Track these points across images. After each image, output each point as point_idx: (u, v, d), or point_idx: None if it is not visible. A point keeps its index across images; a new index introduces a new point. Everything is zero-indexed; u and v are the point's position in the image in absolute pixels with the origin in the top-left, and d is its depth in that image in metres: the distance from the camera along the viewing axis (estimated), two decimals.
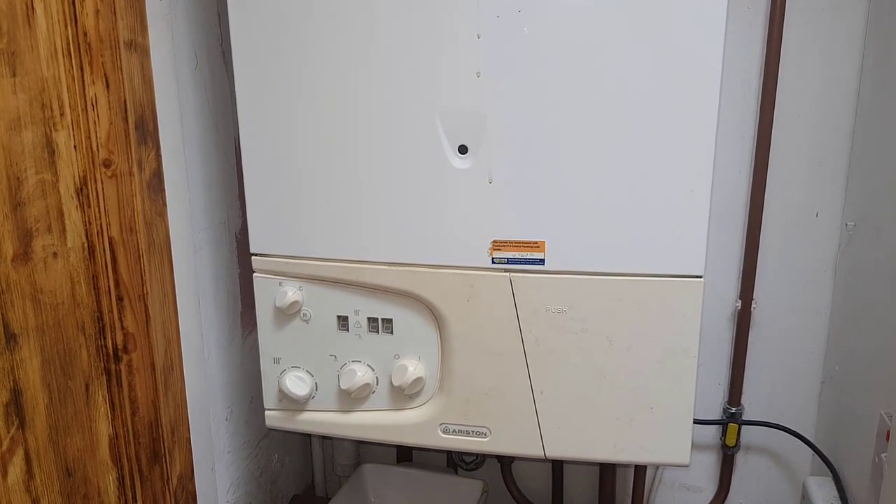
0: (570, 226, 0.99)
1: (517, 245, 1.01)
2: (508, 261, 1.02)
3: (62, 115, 0.78)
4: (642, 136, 0.95)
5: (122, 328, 0.88)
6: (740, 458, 1.48)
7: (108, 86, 0.82)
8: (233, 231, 1.26)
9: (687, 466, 1.27)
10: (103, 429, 0.88)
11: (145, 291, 0.90)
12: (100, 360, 0.87)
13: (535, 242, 1.01)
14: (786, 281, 1.37)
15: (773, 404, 1.44)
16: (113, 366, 0.89)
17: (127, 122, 0.85)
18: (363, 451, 1.63)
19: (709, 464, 1.50)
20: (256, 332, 1.32)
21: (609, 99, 0.94)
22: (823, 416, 1.42)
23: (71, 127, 0.79)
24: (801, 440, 1.37)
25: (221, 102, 1.19)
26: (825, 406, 1.41)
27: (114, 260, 0.86)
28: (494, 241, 1.01)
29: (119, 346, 0.89)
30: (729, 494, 1.48)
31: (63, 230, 0.79)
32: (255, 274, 1.10)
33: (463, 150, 0.99)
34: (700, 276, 0.99)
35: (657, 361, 1.02)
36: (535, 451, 1.08)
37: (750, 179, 1.31)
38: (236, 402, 1.30)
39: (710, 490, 1.51)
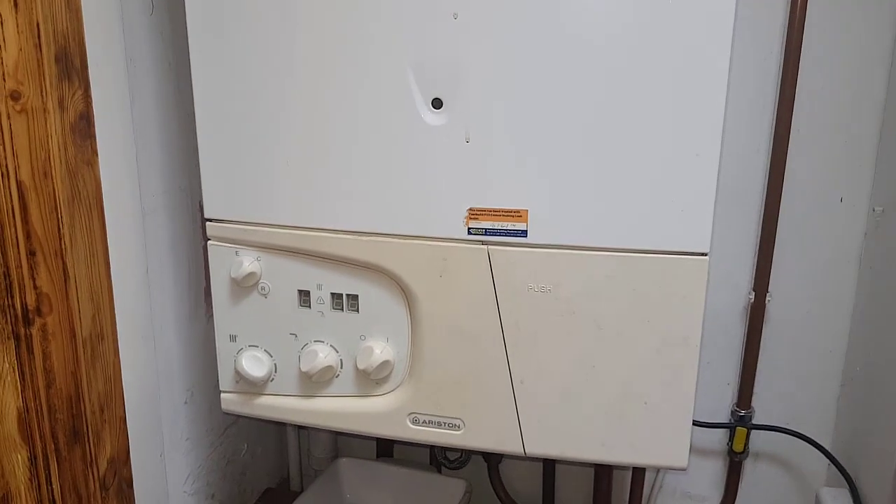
0: (556, 192, 0.88)
1: (496, 214, 0.90)
2: (486, 231, 0.90)
3: None
4: (641, 88, 0.83)
5: (35, 287, 0.78)
6: (748, 466, 1.36)
7: (15, 5, 0.72)
8: (196, 199, 1.15)
9: (684, 470, 1.16)
10: (10, 401, 0.77)
11: (63, 247, 0.79)
12: (6, 322, 0.76)
13: (517, 211, 0.89)
14: (805, 271, 1.25)
15: (786, 408, 1.32)
16: (23, 329, 0.78)
17: (41, 50, 0.74)
18: (341, 444, 1.53)
19: (714, 471, 1.37)
20: None
21: (605, 44, 0.83)
22: (842, 421, 1.29)
23: None
24: (816, 447, 1.24)
25: (183, 58, 1.08)
26: (844, 411, 1.28)
27: (24, 208, 0.76)
28: (471, 209, 0.90)
29: (30, 308, 0.78)
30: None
31: None
32: (209, 241, 0.99)
33: (437, 104, 0.88)
34: (705, 254, 0.87)
35: (653, 350, 0.91)
36: (513, 446, 0.97)
37: (768, 158, 1.19)
38: (198, 386, 1.20)
39: (715, 499, 1.39)
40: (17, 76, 0.73)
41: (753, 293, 1.24)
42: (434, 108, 0.88)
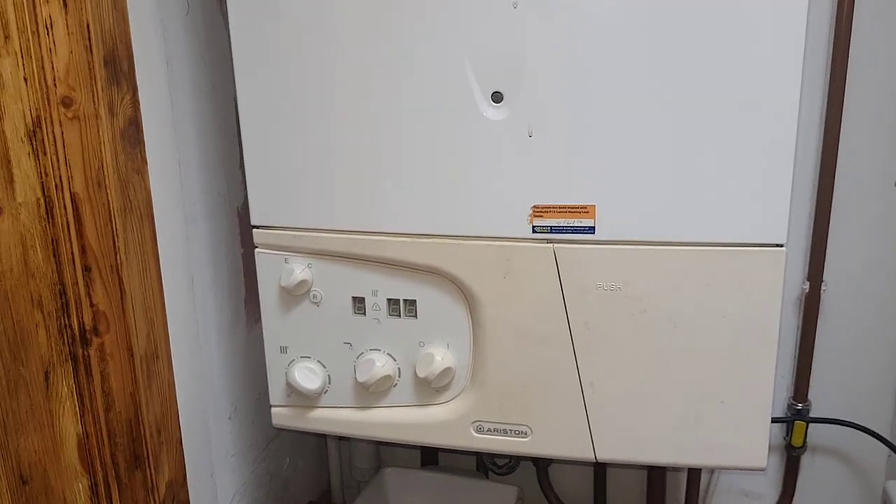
0: (625, 186, 0.84)
1: (562, 210, 0.86)
2: (552, 229, 0.86)
3: (7, 37, 0.64)
4: (713, 73, 0.79)
5: (92, 305, 0.74)
6: (806, 461, 1.32)
7: (65, 5, 0.67)
8: (234, 205, 1.11)
9: (763, 470, 1.12)
10: (70, 427, 0.73)
11: (119, 261, 0.75)
12: (63, 343, 0.72)
13: (584, 207, 0.85)
14: (860, 259, 1.21)
15: (842, 400, 1.28)
16: (80, 350, 0.74)
17: (91, 53, 0.70)
18: (384, 453, 1.49)
19: (771, 467, 1.33)
20: None
21: (675, 30, 0.79)
22: None
23: (19, 54, 0.65)
24: (880, 440, 1.21)
25: (219, 57, 1.04)
26: None
27: (78, 221, 0.71)
28: (535, 207, 0.86)
29: (87, 327, 0.74)
30: (793, 501, 1.32)
31: (10, 181, 0.65)
32: (257, 250, 0.95)
33: (497, 97, 0.84)
34: (781, 245, 0.83)
35: (729, 347, 0.87)
36: (583, 453, 0.93)
37: (820, 140, 1.15)
38: (241, 400, 1.16)
39: (772, 496, 1.35)
40: (67, 81, 0.69)
41: (808, 283, 1.21)
42: (494, 102, 0.84)
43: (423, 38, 0.84)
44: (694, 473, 1.30)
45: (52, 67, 0.68)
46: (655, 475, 1.33)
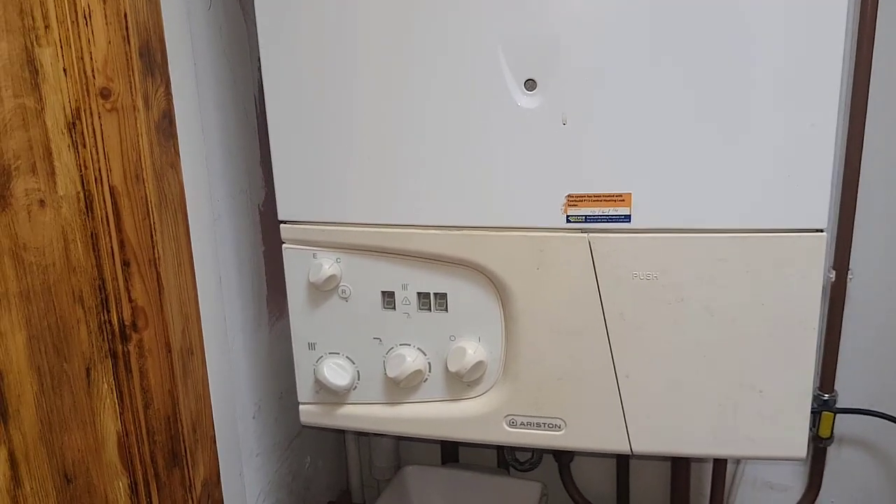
0: (661, 173, 0.82)
1: (597, 199, 0.84)
2: (587, 218, 0.85)
3: (47, 27, 0.62)
4: (751, 57, 0.78)
5: (130, 300, 0.72)
6: (832, 452, 1.31)
7: None
8: (255, 202, 1.10)
9: (803, 459, 1.10)
10: (110, 424, 0.72)
11: (157, 255, 0.73)
12: (103, 339, 0.71)
13: (620, 195, 0.84)
14: (886, 247, 1.20)
15: (868, 390, 1.27)
16: (120, 346, 0.72)
17: (129, 44, 0.68)
18: (403, 452, 1.47)
19: None
20: (284, 318, 1.17)
21: (713, 12, 0.77)
22: None
23: (59, 43, 0.63)
24: None
25: (238, 52, 1.03)
26: None
27: (117, 215, 0.70)
28: (570, 196, 0.85)
29: (127, 323, 0.73)
30: (820, 493, 1.31)
31: (52, 173, 0.63)
32: (284, 245, 0.94)
33: (531, 85, 0.83)
34: (822, 231, 0.82)
35: (768, 335, 0.85)
36: (619, 445, 0.92)
37: (846, 123, 1.13)
38: (265, 398, 1.14)
39: (798, 488, 1.34)
40: (106, 72, 0.67)
41: (833, 272, 1.20)
42: (527, 90, 0.83)
43: (454, 25, 0.82)
44: (720, 466, 1.29)
45: (91, 58, 0.66)
46: (679, 469, 1.32)
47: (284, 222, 0.94)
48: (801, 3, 0.76)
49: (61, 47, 0.64)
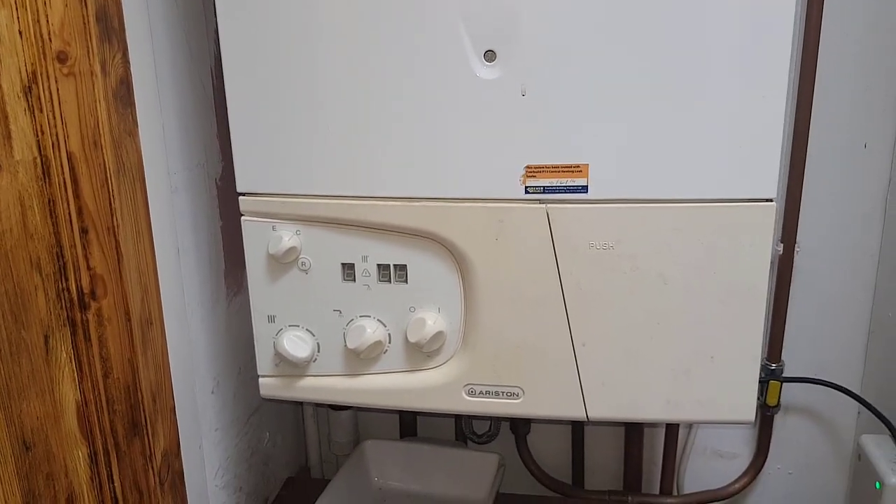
0: (618, 145, 0.84)
1: (555, 170, 0.86)
2: (545, 189, 0.86)
3: None
4: (705, 30, 0.80)
5: (89, 268, 0.71)
6: (779, 420, 1.35)
7: None
8: (213, 177, 1.09)
9: (752, 424, 1.14)
10: (69, 393, 0.71)
11: (115, 223, 0.72)
12: (61, 307, 0.70)
13: (577, 166, 0.85)
14: (832, 222, 1.24)
15: (813, 359, 1.31)
16: (78, 314, 0.72)
17: (86, 7, 0.67)
18: (362, 427, 1.48)
19: (744, 427, 1.37)
20: (242, 294, 1.17)
21: None
22: (871, 369, 1.29)
23: (14, 5, 0.62)
24: (853, 397, 1.24)
25: (195, 25, 1.01)
26: (873, 358, 1.29)
27: (75, 181, 0.69)
28: (528, 167, 0.86)
29: (85, 290, 0.72)
30: (767, 460, 1.35)
31: (8, 137, 0.62)
32: (243, 218, 0.93)
33: (490, 56, 0.83)
34: (771, 200, 0.85)
35: (719, 302, 0.88)
36: (575, 412, 0.94)
37: (793, 103, 1.17)
38: (223, 373, 1.14)
39: (746, 455, 1.38)
40: (63, 35, 0.66)
41: (781, 245, 1.23)
42: (487, 60, 0.84)
43: None
44: (671, 434, 1.33)
45: (48, 21, 0.65)
46: (633, 439, 1.35)
47: (243, 194, 0.93)
48: None
49: (17, 9, 0.62)
